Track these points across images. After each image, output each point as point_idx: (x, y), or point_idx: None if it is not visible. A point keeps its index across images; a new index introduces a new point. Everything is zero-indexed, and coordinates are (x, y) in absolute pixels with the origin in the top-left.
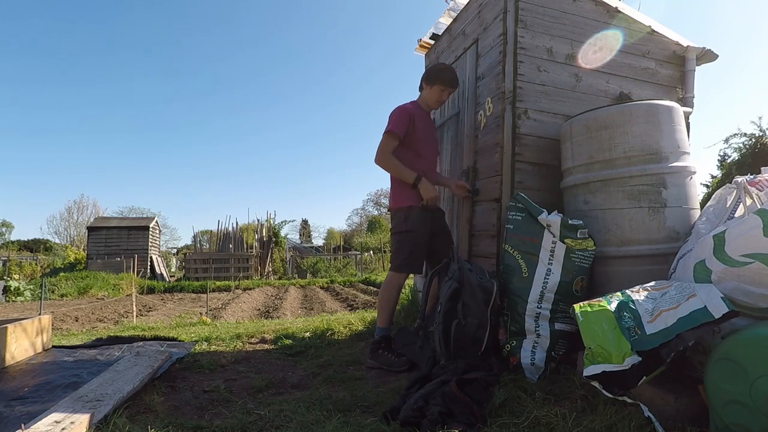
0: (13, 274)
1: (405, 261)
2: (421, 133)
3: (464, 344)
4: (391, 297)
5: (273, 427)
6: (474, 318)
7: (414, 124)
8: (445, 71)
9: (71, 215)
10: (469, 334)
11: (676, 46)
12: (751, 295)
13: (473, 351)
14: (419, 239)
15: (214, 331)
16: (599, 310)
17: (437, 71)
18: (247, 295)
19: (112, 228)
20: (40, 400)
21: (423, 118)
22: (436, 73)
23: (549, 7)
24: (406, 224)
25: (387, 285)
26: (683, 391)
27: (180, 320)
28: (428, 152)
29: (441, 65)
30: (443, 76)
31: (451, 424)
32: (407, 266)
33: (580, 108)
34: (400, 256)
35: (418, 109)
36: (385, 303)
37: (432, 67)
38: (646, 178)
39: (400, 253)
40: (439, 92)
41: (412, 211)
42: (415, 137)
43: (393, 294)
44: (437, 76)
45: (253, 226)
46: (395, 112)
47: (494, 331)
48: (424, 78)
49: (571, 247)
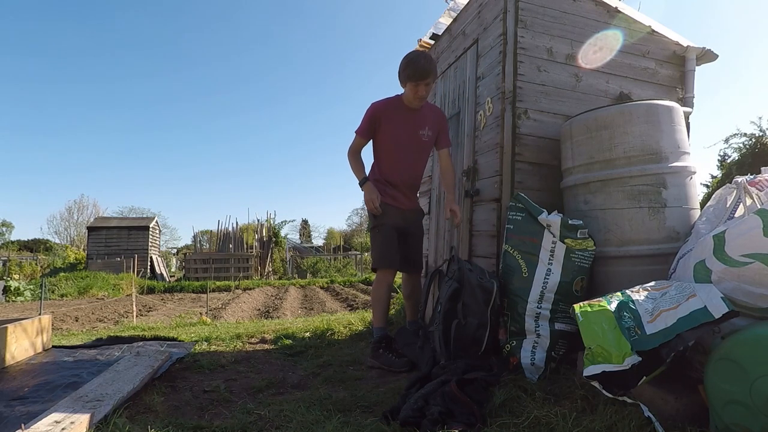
0: (13, 274)
1: (377, 257)
2: (388, 132)
3: (464, 344)
4: (380, 296)
5: (273, 427)
6: (474, 318)
7: (380, 124)
8: (409, 65)
9: (71, 215)
10: (470, 334)
11: (676, 46)
12: (751, 295)
13: (473, 351)
14: (387, 233)
15: (214, 331)
16: (599, 310)
17: (402, 69)
18: (247, 295)
19: (112, 228)
20: (40, 400)
21: (400, 115)
22: (403, 71)
23: (549, 7)
24: (374, 220)
25: (374, 285)
26: (683, 391)
27: (180, 320)
28: (397, 151)
29: (405, 61)
30: (408, 72)
31: (451, 424)
32: (379, 262)
33: (580, 108)
34: (373, 252)
35: (394, 107)
36: (375, 303)
37: (399, 66)
38: (646, 178)
39: (373, 249)
40: (413, 88)
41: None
42: (378, 138)
43: (380, 293)
44: (404, 74)
45: (253, 226)
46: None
47: (494, 331)
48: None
49: (571, 247)
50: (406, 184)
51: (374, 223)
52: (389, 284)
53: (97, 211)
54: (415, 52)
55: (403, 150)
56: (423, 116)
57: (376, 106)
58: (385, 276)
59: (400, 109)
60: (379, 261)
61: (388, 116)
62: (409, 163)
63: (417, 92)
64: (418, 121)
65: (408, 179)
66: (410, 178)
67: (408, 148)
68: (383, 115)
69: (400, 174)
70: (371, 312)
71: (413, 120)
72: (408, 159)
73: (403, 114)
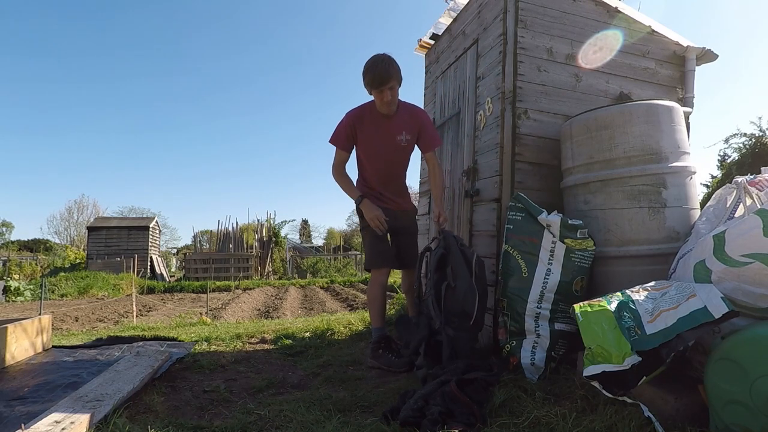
0: (13, 274)
1: (369, 257)
2: (364, 143)
3: (455, 308)
4: (374, 296)
5: (273, 427)
6: (463, 282)
7: (356, 134)
8: (368, 73)
9: (71, 215)
10: (459, 298)
11: (676, 46)
12: (751, 295)
13: (464, 322)
14: (378, 232)
15: (214, 331)
16: (599, 310)
17: (363, 78)
18: (247, 295)
19: (112, 228)
20: (40, 400)
21: (373, 124)
22: (364, 80)
23: (549, 7)
24: (363, 220)
25: (369, 285)
26: (683, 391)
27: (180, 320)
28: (376, 161)
29: (364, 68)
30: (368, 80)
31: (451, 424)
32: (371, 261)
33: (580, 108)
34: (366, 252)
35: (369, 115)
36: (370, 303)
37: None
38: (646, 178)
39: (365, 249)
40: (378, 95)
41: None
42: (357, 150)
43: (374, 293)
44: (366, 83)
45: (253, 226)
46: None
47: (482, 304)
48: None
49: (570, 247)
50: (391, 191)
51: (363, 223)
52: (383, 283)
53: (97, 211)
54: (373, 57)
55: (382, 160)
56: (399, 121)
57: (350, 115)
58: (379, 275)
59: (374, 117)
60: (371, 261)
61: (362, 128)
62: (391, 170)
63: (383, 98)
64: (393, 127)
65: (393, 186)
66: (395, 186)
67: (387, 156)
68: (357, 125)
69: (383, 183)
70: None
71: (388, 127)
72: (389, 167)
73: (377, 122)
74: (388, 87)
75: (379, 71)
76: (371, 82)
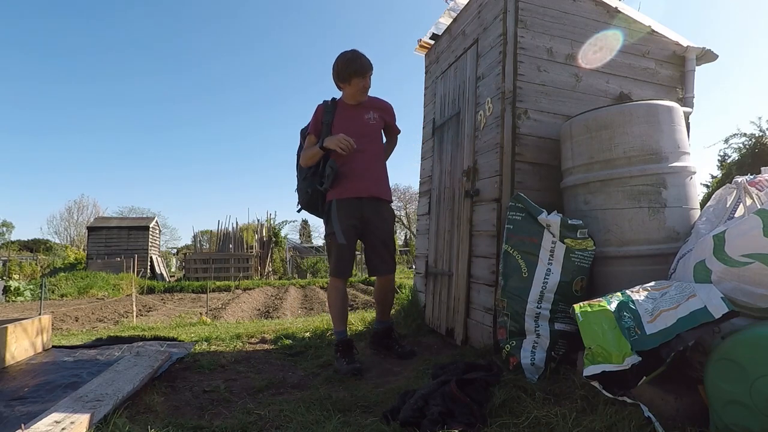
0: (13, 274)
1: (331, 266)
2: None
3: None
4: (334, 302)
5: (273, 427)
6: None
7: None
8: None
9: (71, 215)
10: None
11: (676, 46)
12: (751, 295)
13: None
14: (339, 243)
15: (214, 331)
16: (599, 310)
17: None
18: (247, 295)
19: (112, 228)
20: (40, 400)
21: (342, 113)
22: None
23: (549, 7)
24: (327, 226)
25: (328, 291)
26: (683, 391)
27: (180, 320)
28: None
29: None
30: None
31: (451, 424)
32: (332, 270)
33: (580, 108)
34: (330, 260)
35: (339, 108)
36: (330, 309)
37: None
38: (646, 178)
39: (329, 257)
40: (360, 82)
41: (332, 210)
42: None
43: (334, 299)
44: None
45: (253, 226)
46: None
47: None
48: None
49: (570, 247)
50: (364, 168)
51: (328, 230)
52: (341, 290)
53: (97, 211)
54: (348, 52)
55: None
56: (366, 105)
57: (321, 106)
58: (337, 283)
59: (342, 108)
60: (332, 270)
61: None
62: (362, 146)
63: (364, 84)
64: (361, 110)
65: (365, 162)
66: (368, 162)
67: (357, 130)
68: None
69: (355, 160)
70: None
71: (357, 111)
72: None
73: (346, 111)
74: (369, 74)
75: (362, 60)
76: (359, 70)
